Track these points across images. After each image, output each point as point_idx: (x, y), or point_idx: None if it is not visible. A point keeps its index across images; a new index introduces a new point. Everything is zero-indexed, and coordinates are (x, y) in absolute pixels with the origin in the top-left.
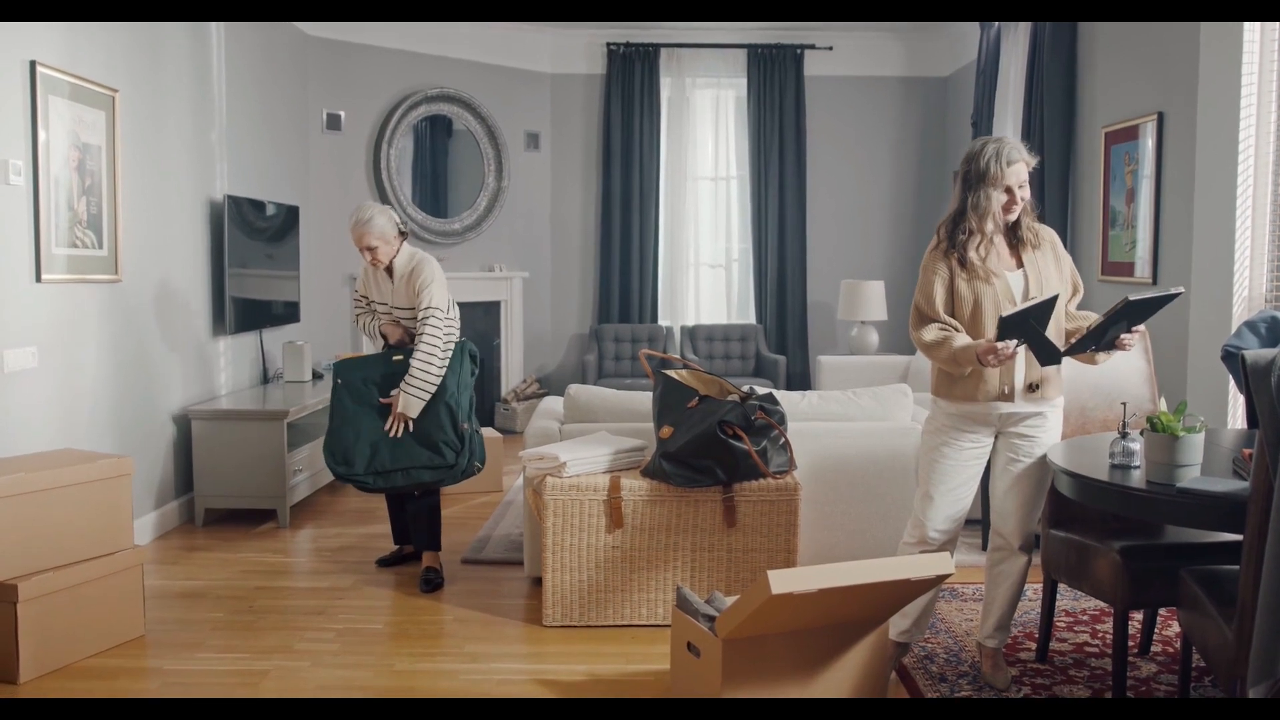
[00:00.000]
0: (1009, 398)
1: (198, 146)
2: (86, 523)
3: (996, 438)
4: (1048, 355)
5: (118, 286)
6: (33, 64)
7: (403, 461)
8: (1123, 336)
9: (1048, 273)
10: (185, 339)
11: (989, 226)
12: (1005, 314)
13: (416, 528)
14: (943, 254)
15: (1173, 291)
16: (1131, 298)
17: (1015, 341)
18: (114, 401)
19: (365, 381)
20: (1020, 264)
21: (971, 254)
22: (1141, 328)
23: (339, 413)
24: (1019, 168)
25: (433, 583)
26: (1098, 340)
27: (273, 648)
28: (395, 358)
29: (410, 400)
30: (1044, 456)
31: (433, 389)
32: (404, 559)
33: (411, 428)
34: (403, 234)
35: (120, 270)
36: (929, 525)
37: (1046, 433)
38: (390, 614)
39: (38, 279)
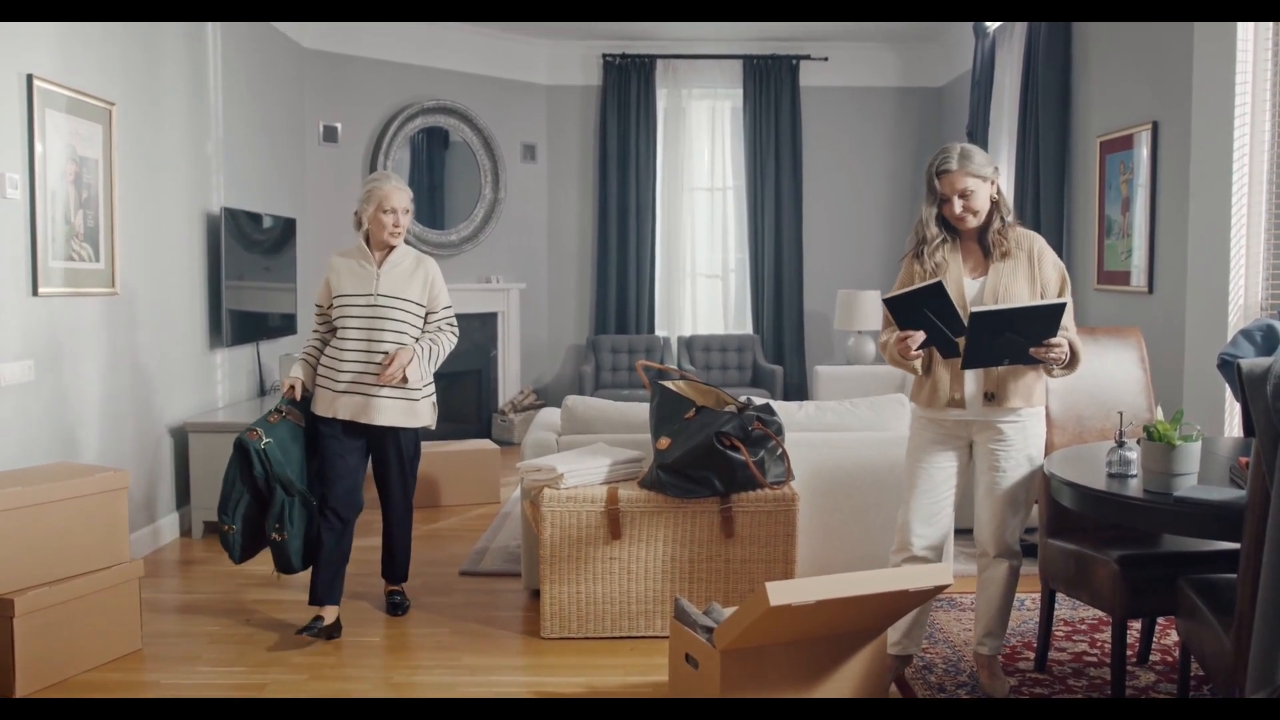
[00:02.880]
0: (960, 404)
1: (194, 159)
2: (83, 536)
3: (974, 446)
4: (945, 348)
5: (115, 299)
6: (29, 77)
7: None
8: (1033, 350)
9: (1011, 281)
10: (182, 352)
11: (930, 233)
12: (886, 296)
13: (397, 555)
14: (910, 260)
15: (1029, 304)
16: (974, 310)
17: (921, 333)
18: (111, 415)
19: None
20: (986, 272)
21: (926, 260)
22: (1055, 340)
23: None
24: (954, 178)
25: (400, 605)
26: (990, 355)
27: (270, 661)
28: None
29: (405, 353)
30: (1024, 470)
31: (428, 367)
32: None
33: (397, 379)
34: None
35: (117, 283)
36: (908, 531)
37: (1016, 446)
38: (388, 626)
39: (34, 292)
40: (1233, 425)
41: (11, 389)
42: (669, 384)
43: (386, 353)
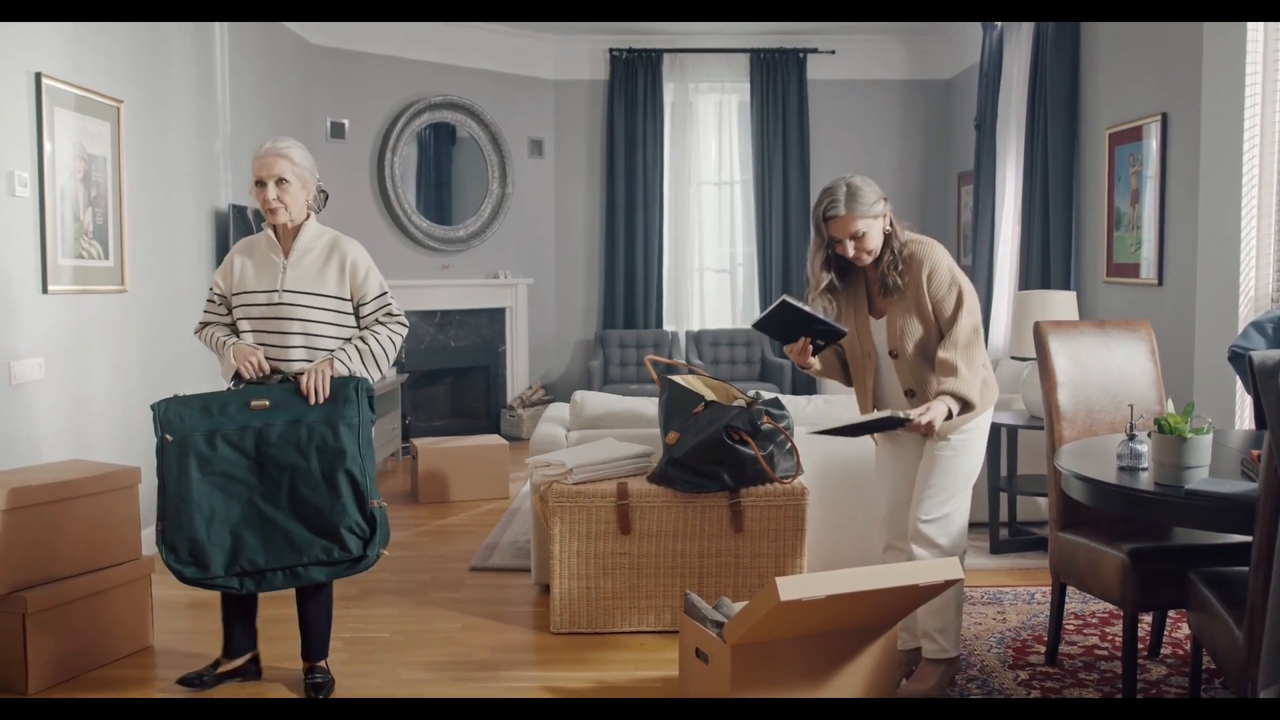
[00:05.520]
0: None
1: (202, 156)
2: (95, 533)
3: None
4: (833, 338)
5: (124, 297)
6: (38, 76)
7: (284, 558)
8: (902, 430)
9: (905, 319)
10: (191, 348)
11: (820, 281)
12: (753, 323)
13: (314, 630)
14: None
15: (856, 421)
16: (820, 431)
17: (801, 341)
18: (121, 412)
19: (213, 440)
20: (885, 311)
21: (815, 300)
22: (916, 420)
23: (175, 487)
24: (843, 222)
25: (323, 686)
26: (870, 431)
27: (281, 657)
28: (255, 402)
29: (342, 366)
30: (958, 461)
31: (372, 371)
32: (236, 674)
33: (323, 397)
34: (324, 194)
35: (126, 280)
36: (883, 525)
37: (954, 445)
38: (398, 623)
39: (44, 290)
40: (1244, 418)
41: (22, 387)
42: (677, 378)
43: (295, 361)
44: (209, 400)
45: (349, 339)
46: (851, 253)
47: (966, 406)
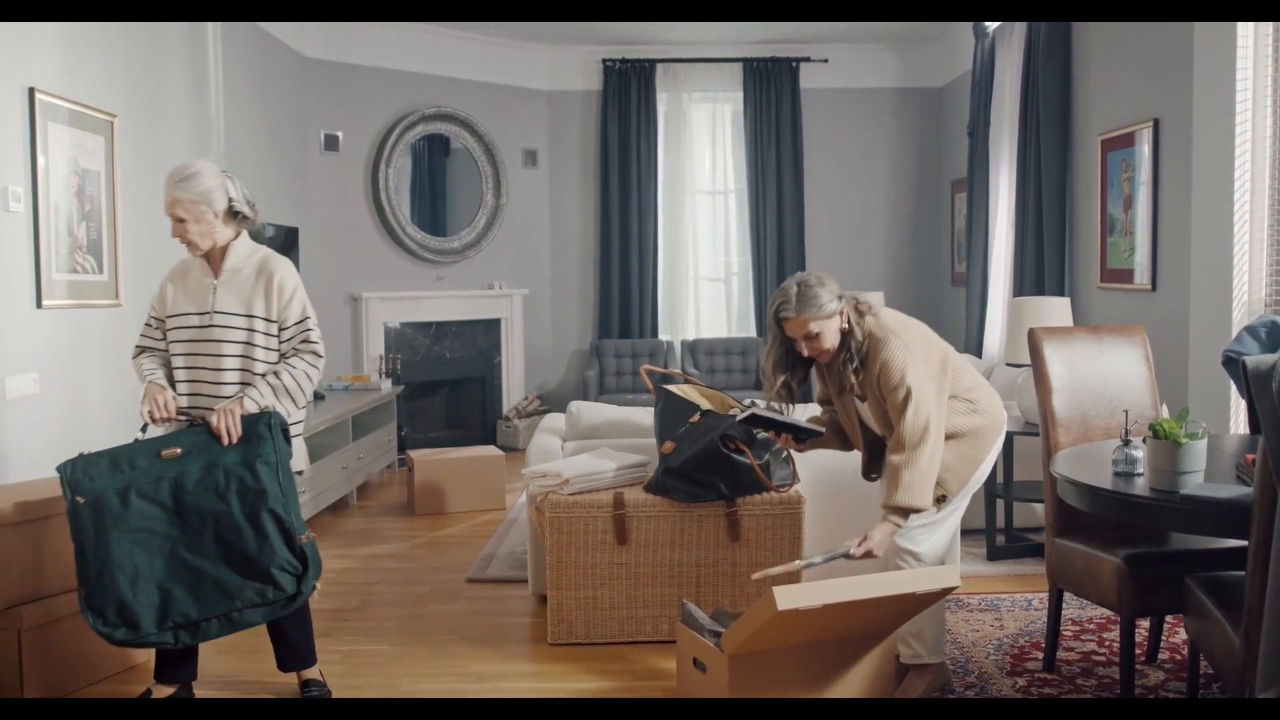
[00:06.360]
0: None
1: None
2: None
3: None
4: (807, 435)
5: (118, 311)
6: (31, 90)
7: (217, 606)
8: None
9: (879, 406)
10: None
11: (774, 383)
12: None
13: (291, 638)
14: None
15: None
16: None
17: (784, 437)
18: (116, 427)
19: (126, 496)
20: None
21: (769, 396)
22: (853, 555)
23: (94, 550)
24: (795, 324)
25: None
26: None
27: (276, 672)
28: (166, 451)
29: (252, 403)
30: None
31: (288, 412)
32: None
33: (234, 437)
34: (238, 215)
35: (121, 295)
36: None
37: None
38: (395, 634)
39: (38, 305)
40: (1238, 422)
41: (16, 402)
42: (673, 388)
43: (228, 385)
44: (116, 455)
45: (263, 374)
46: (806, 352)
47: (917, 510)
